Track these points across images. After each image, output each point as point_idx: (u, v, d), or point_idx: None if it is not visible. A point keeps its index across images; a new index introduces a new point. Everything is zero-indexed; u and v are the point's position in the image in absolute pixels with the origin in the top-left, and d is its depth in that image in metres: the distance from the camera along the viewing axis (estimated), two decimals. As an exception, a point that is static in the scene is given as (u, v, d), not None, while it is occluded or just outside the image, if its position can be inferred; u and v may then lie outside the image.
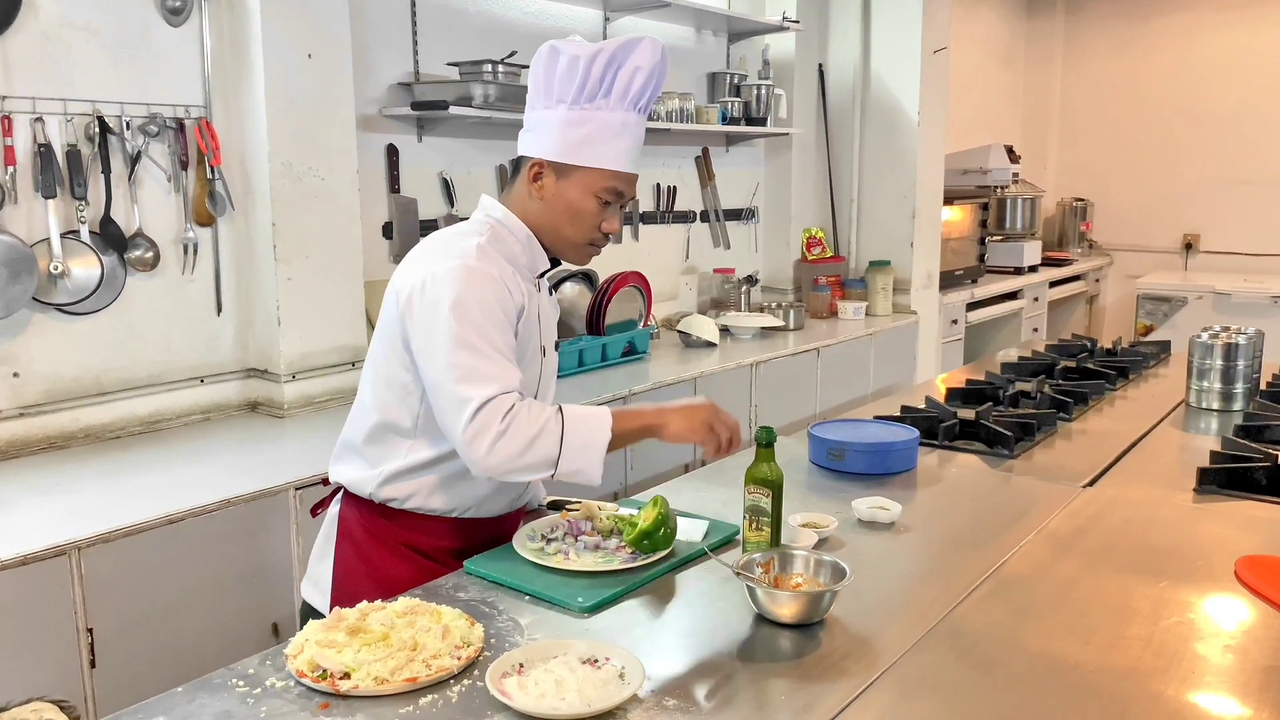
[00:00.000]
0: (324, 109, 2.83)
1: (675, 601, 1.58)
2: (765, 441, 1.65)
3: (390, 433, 1.73)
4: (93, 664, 1.96)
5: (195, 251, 2.73)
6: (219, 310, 2.82)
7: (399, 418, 1.71)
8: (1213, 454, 2.21)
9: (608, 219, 1.74)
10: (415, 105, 3.13)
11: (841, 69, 4.88)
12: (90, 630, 1.95)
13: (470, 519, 1.79)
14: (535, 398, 1.78)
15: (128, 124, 2.56)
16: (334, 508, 1.83)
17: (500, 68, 3.17)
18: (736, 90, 4.41)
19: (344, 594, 1.74)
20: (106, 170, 2.53)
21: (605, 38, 3.90)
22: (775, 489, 1.64)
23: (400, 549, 1.76)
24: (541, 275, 1.81)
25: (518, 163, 1.76)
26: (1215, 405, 2.75)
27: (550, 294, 1.89)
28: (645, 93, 1.70)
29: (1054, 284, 6.36)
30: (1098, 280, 7.09)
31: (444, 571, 1.71)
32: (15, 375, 2.45)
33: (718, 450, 1.70)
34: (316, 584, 1.82)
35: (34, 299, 2.42)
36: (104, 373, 2.61)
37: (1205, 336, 2.79)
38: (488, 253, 1.66)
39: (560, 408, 1.63)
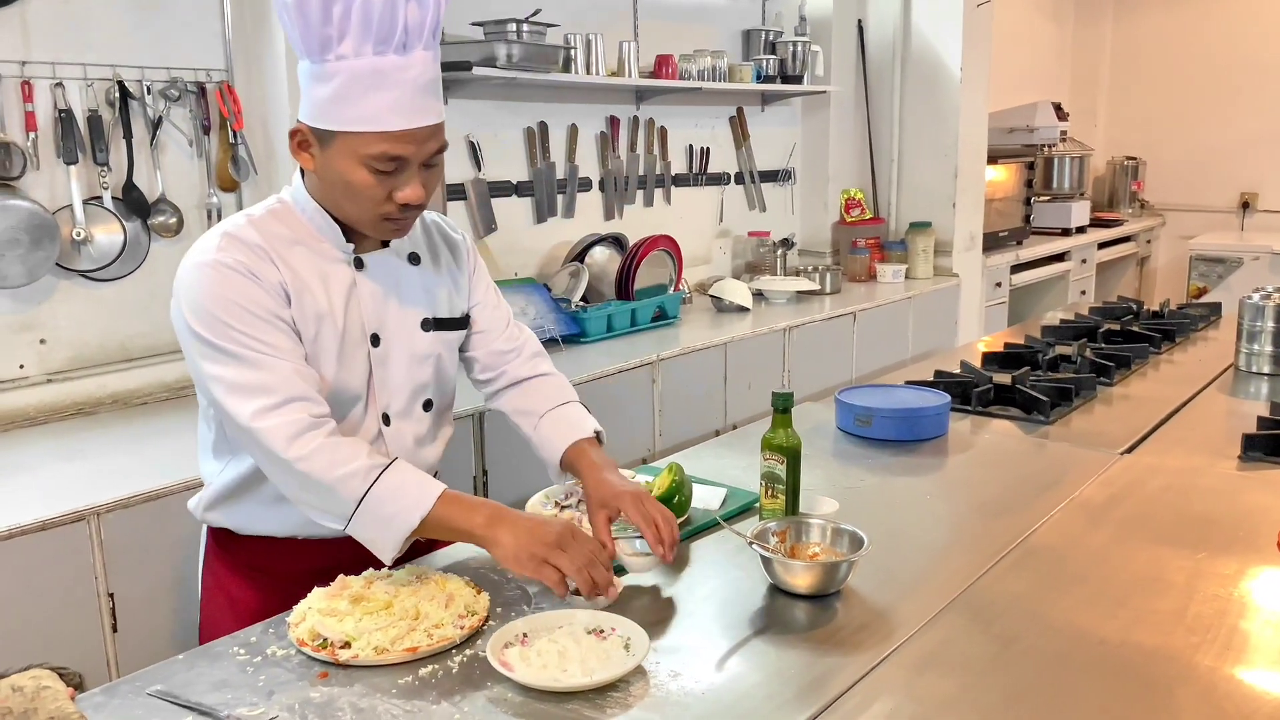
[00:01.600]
0: (346, 71, 2.79)
1: (688, 570, 1.54)
2: (781, 407, 1.60)
3: (207, 453, 1.58)
4: (114, 629, 1.97)
5: (219, 217, 2.71)
6: (244, 276, 2.80)
7: (205, 437, 1.57)
8: (1260, 419, 2.11)
9: (399, 187, 1.41)
10: (439, 66, 3.08)
11: (881, 24, 4.74)
12: (112, 595, 1.96)
13: (319, 540, 1.54)
14: (368, 395, 1.54)
15: (148, 88, 2.55)
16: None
17: (525, 27, 3.10)
18: (772, 47, 4.30)
19: (208, 619, 1.64)
20: (128, 135, 2.51)
21: (635, 0, 3.82)
22: (792, 456, 1.59)
23: (249, 572, 1.59)
24: (379, 252, 1.55)
25: None
26: (1266, 369, 2.64)
27: (415, 262, 1.59)
28: (395, 27, 1.34)
29: (1103, 245, 6.18)
30: (1149, 241, 6.88)
31: (303, 593, 1.43)
32: (42, 341, 2.47)
33: (562, 587, 1.36)
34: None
35: (58, 265, 2.42)
36: (129, 339, 2.61)
37: (1256, 297, 2.68)
38: (237, 237, 1.43)
39: (386, 465, 1.40)
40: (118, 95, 2.48)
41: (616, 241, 3.68)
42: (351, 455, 1.39)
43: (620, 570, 1.48)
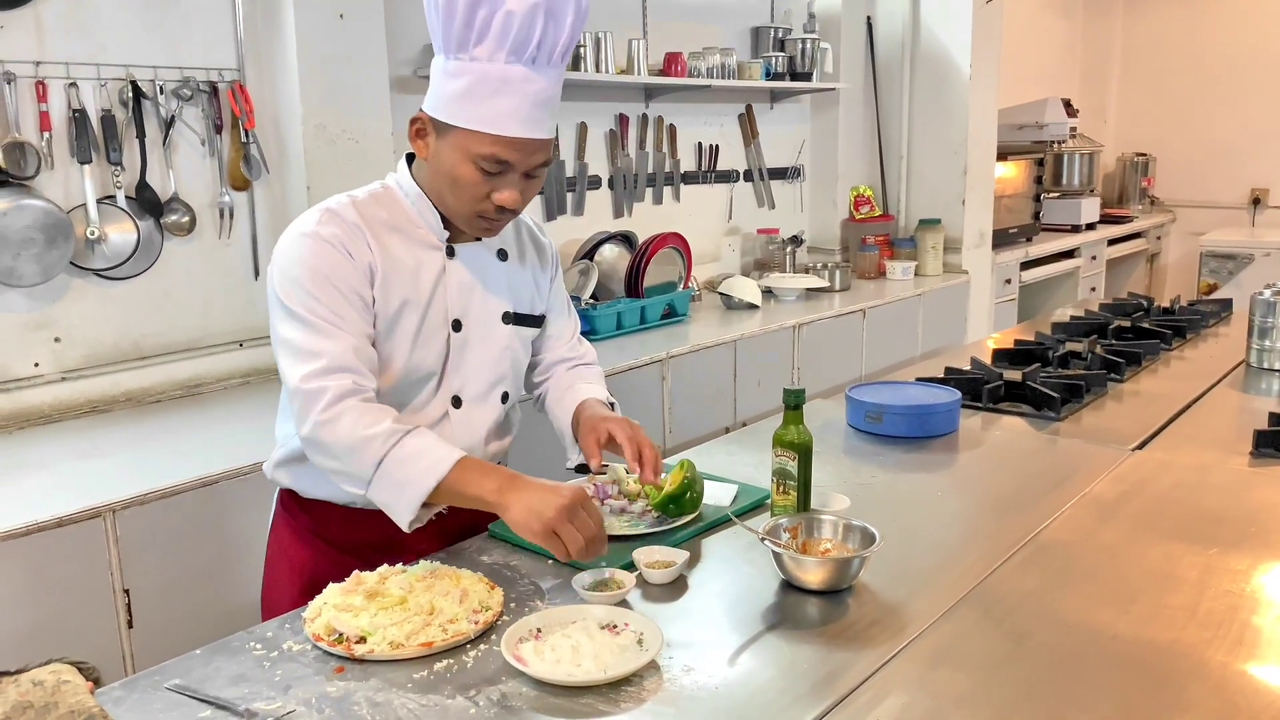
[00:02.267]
0: (357, 71, 2.80)
1: (700, 567, 1.54)
2: (793, 404, 1.60)
3: (284, 415, 1.63)
4: (130, 624, 1.99)
5: (231, 216, 2.73)
6: (256, 274, 2.82)
7: (283, 399, 1.62)
8: (1271, 416, 2.11)
9: (498, 189, 1.49)
10: (449, 65, 3.09)
11: (890, 21, 4.74)
12: (127, 591, 1.98)
13: (376, 511, 1.54)
14: (442, 376, 1.60)
15: (161, 88, 2.56)
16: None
17: (535, 25, 3.11)
18: (781, 45, 4.30)
19: (270, 581, 1.72)
20: (141, 135, 2.53)
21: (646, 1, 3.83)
22: (803, 452, 1.60)
23: (309, 537, 1.66)
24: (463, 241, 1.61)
25: None
26: (1278, 365, 2.63)
27: (504, 258, 1.67)
28: (530, 40, 1.43)
29: (1113, 242, 6.17)
30: (1159, 238, 6.87)
31: (357, 564, 1.52)
32: (56, 340, 2.48)
33: (567, 556, 1.40)
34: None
35: (72, 264, 2.44)
36: (143, 337, 2.63)
37: (1268, 294, 2.67)
38: (338, 214, 1.51)
39: (408, 431, 1.44)
40: (131, 95, 2.50)
41: (626, 239, 3.68)
42: (376, 420, 1.44)
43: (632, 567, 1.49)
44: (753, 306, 3.81)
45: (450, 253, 1.60)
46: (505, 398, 1.69)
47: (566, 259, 3.63)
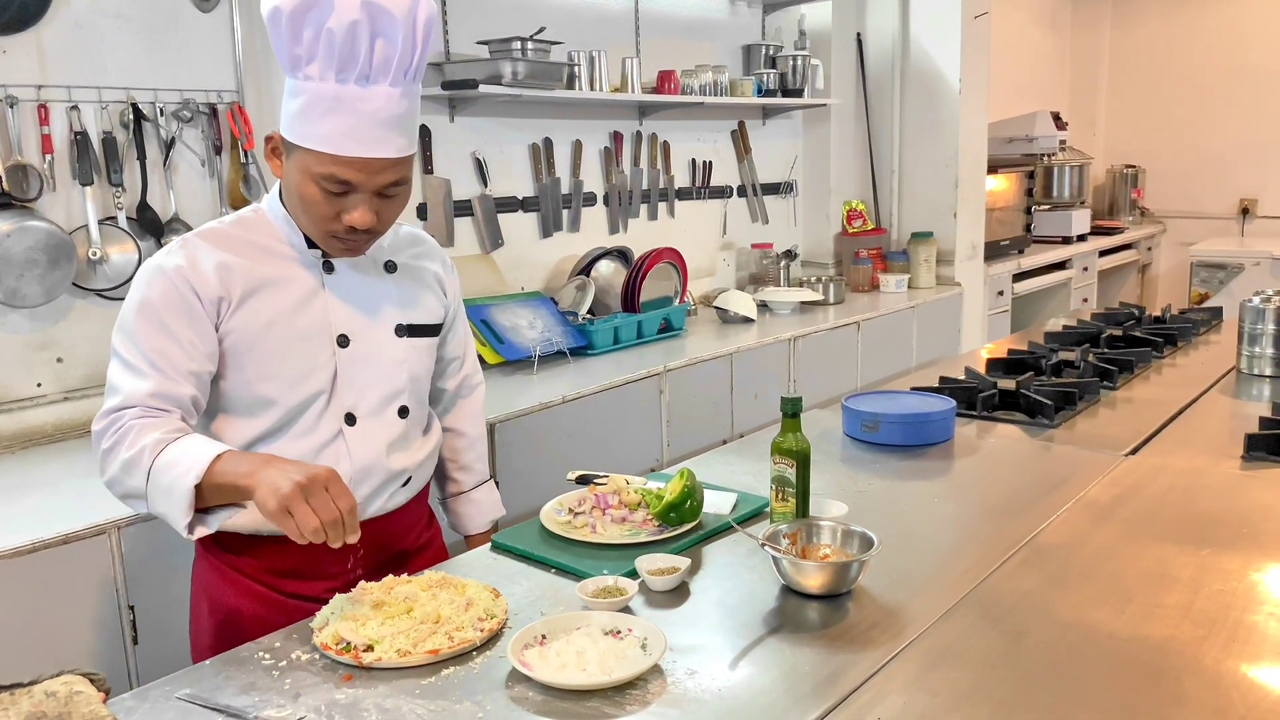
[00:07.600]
0: (354, 91, 2.83)
1: (702, 574, 1.56)
2: (791, 412, 1.63)
3: None
4: (135, 640, 2.00)
5: (231, 235, 2.76)
6: (256, 293, 2.84)
7: None
8: (1262, 420, 2.14)
9: (347, 210, 1.48)
10: (445, 85, 3.13)
11: (880, 37, 4.79)
12: (132, 608, 1.99)
13: (276, 538, 1.54)
14: (331, 394, 1.58)
15: (161, 110, 2.59)
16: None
17: (529, 45, 3.15)
18: (772, 62, 4.35)
19: (194, 619, 1.69)
20: (142, 157, 2.56)
21: (637, 18, 3.88)
22: (801, 459, 1.62)
23: (228, 572, 1.62)
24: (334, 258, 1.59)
25: None
26: (1268, 371, 2.66)
27: (392, 269, 1.65)
28: (355, 59, 1.41)
29: (1104, 253, 6.21)
30: (1150, 249, 6.92)
31: (282, 600, 1.56)
32: (59, 360, 2.50)
33: (301, 538, 1.31)
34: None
35: (74, 285, 2.46)
36: (144, 357, 2.65)
37: (1257, 300, 2.71)
38: (192, 243, 1.51)
39: (174, 439, 1.41)
40: (132, 117, 2.53)
41: (622, 255, 3.71)
42: (148, 433, 1.42)
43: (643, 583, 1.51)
44: (748, 320, 3.84)
45: (329, 268, 1.59)
46: (404, 412, 1.66)
47: (562, 275, 3.66)
